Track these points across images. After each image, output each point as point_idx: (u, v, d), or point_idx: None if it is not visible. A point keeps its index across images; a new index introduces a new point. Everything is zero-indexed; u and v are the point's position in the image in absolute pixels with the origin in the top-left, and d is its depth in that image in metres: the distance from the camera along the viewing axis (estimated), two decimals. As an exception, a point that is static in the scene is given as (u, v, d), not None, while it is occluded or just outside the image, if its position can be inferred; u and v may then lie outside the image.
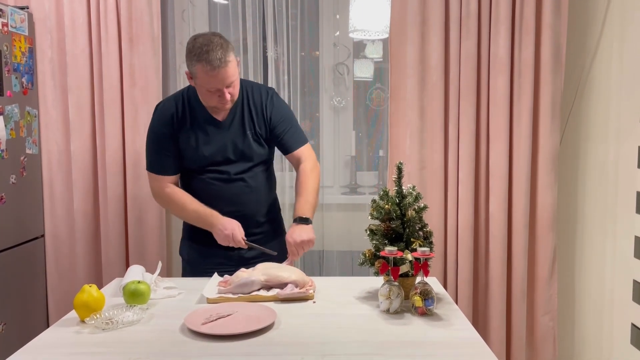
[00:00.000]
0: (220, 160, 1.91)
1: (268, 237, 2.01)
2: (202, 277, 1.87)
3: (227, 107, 1.87)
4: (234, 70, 1.77)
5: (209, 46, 1.71)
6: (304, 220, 1.85)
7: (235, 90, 1.83)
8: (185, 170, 1.97)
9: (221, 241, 1.85)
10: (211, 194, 1.93)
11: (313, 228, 1.87)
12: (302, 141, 2.00)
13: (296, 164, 1.99)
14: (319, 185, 1.98)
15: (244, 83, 1.96)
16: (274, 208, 2.09)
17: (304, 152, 1.98)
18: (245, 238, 1.85)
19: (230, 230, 1.83)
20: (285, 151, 1.99)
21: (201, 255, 1.99)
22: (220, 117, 1.90)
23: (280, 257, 1.91)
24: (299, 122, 2.07)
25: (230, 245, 1.85)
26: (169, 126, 1.90)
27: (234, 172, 1.92)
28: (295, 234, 1.82)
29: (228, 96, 1.79)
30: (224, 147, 1.90)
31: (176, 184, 1.99)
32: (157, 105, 1.97)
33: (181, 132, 1.90)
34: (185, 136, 1.90)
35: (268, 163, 2.04)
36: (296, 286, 1.64)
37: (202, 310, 1.48)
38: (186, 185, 1.99)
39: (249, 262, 1.89)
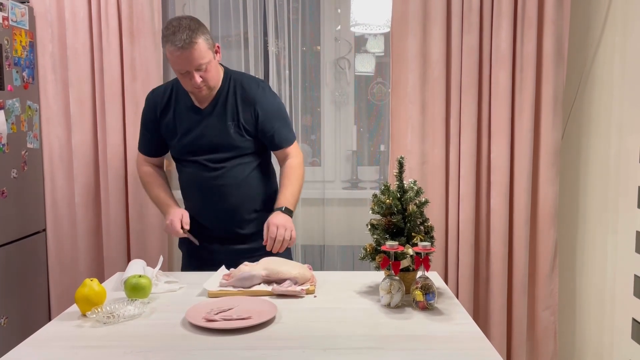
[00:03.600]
0: (197, 149, 1.90)
1: (259, 236, 1.90)
2: (200, 272, 1.87)
3: (202, 94, 1.84)
4: (203, 54, 1.74)
5: (177, 28, 1.71)
6: (286, 211, 1.83)
7: (210, 75, 1.79)
8: (173, 158, 2.01)
9: (164, 230, 1.89)
10: (192, 183, 1.94)
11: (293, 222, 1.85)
12: (291, 139, 1.97)
13: (282, 161, 1.96)
14: (303, 181, 1.96)
15: (233, 73, 1.94)
16: (266, 205, 1.99)
17: (292, 150, 1.96)
18: (185, 228, 1.85)
19: (169, 219, 1.84)
20: (273, 147, 1.96)
21: (197, 248, 1.99)
22: (202, 105, 1.89)
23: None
24: (293, 117, 2.05)
25: (170, 233, 1.87)
26: (153, 112, 1.94)
27: (213, 162, 1.89)
28: (275, 218, 1.79)
29: (198, 80, 1.76)
30: (201, 136, 1.88)
31: (157, 165, 2.05)
32: (150, 91, 2.00)
33: (164, 118, 1.92)
34: (166, 123, 1.92)
35: (258, 155, 1.96)
36: (295, 282, 1.64)
37: (203, 305, 1.48)
38: (177, 174, 2.03)
39: (243, 257, 1.88)
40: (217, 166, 1.89)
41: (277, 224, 1.77)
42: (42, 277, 2.64)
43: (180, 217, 1.86)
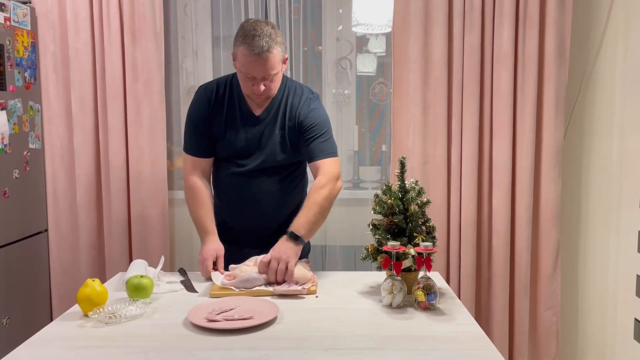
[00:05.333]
0: (242, 153, 1.87)
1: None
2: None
3: (259, 100, 1.82)
4: (275, 64, 1.71)
5: (257, 31, 1.68)
6: (293, 237, 1.71)
7: (273, 85, 1.77)
8: (215, 157, 1.94)
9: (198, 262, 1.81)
10: (227, 184, 1.91)
11: (301, 249, 1.73)
12: (327, 153, 1.85)
13: (314, 176, 1.86)
14: (329, 202, 1.80)
15: (289, 81, 1.90)
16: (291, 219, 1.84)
17: (325, 165, 1.83)
18: (216, 270, 1.74)
19: (202, 258, 1.78)
20: (308, 159, 1.88)
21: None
22: (257, 111, 1.85)
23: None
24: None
25: (200, 272, 1.79)
26: (205, 109, 1.87)
27: (253, 169, 1.86)
28: (276, 248, 1.68)
29: (261, 88, 1.73)
30: (250, 142, 1.85)
31: (206, 170, 1.94)
32: (200, 87, 1.93)
33: (216, 117, 1.87)
34: (218, 122, 1.86)
35: (298, 167, 1.93)
36: (296, 283, 1.64)
37: (205, 305, 1.48)
38: (213, 173, 1.97)
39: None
40: (255, 173, 1.87)
41: (273, 257, 1.67)
42: (43, 277, 2.64)
43: (213, 258, 1.78)
